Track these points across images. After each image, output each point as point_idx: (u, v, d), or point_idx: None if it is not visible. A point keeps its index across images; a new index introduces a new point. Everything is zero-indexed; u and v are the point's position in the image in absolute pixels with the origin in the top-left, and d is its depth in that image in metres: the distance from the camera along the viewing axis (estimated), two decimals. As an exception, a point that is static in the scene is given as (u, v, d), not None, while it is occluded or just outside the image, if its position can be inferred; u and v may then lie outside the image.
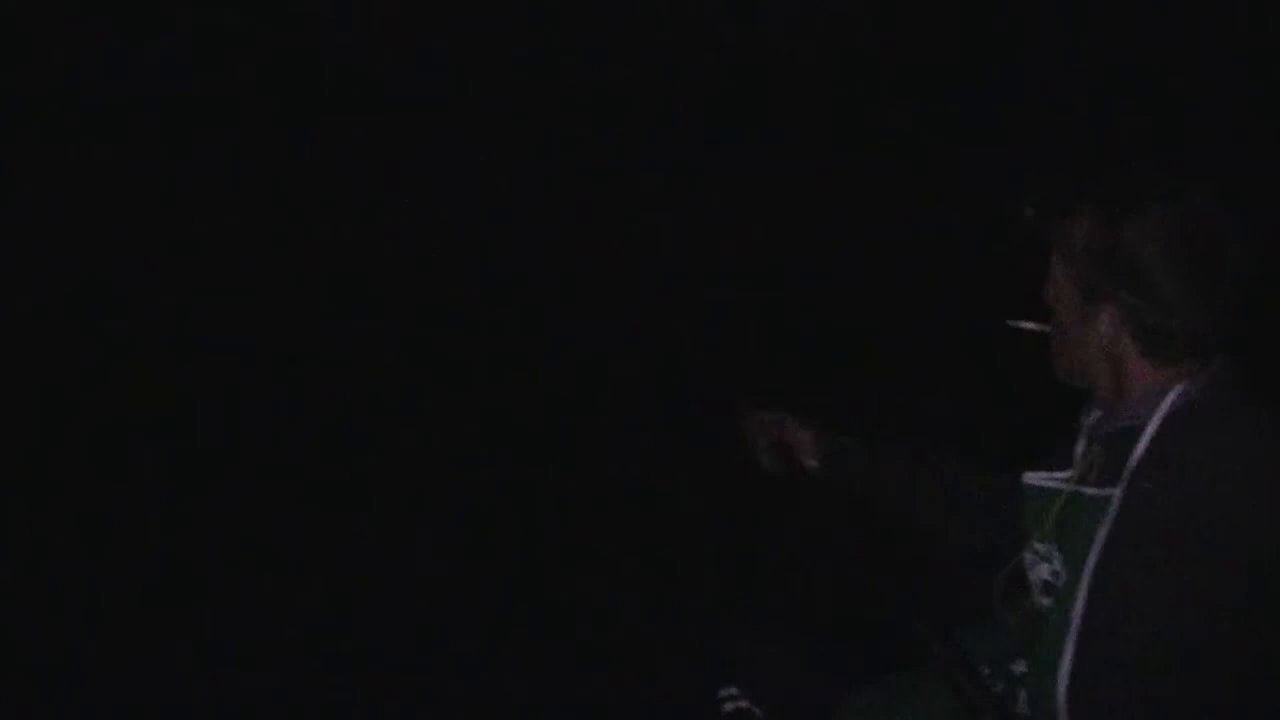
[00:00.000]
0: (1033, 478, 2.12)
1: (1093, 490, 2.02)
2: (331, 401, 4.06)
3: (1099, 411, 2.08)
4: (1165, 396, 1.97)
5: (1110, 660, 1.96)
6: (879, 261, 3.85)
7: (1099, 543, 1.97)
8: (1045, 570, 2.08)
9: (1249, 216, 1.97)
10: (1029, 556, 2.10)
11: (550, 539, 3.89)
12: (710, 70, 3.76)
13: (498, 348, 4.03)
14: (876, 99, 3.85)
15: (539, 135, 3.95)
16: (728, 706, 2.25)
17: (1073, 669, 1.97)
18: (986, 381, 3.47)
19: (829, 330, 3.86)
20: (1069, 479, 2.07)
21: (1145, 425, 1.97)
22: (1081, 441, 2.09)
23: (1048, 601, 2.07)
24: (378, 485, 4.05)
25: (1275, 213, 2.43)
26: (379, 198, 4.00)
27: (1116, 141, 3.24)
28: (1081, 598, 1.97)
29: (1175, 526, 1.92)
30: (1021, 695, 2.14)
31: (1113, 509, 1.97)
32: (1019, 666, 2.18)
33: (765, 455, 2.48)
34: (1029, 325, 2.12)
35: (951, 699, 2.00)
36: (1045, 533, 2.07)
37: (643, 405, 3.90)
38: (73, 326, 3.97)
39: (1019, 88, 3.67)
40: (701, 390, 3.48)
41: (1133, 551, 1.95)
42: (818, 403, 2.50)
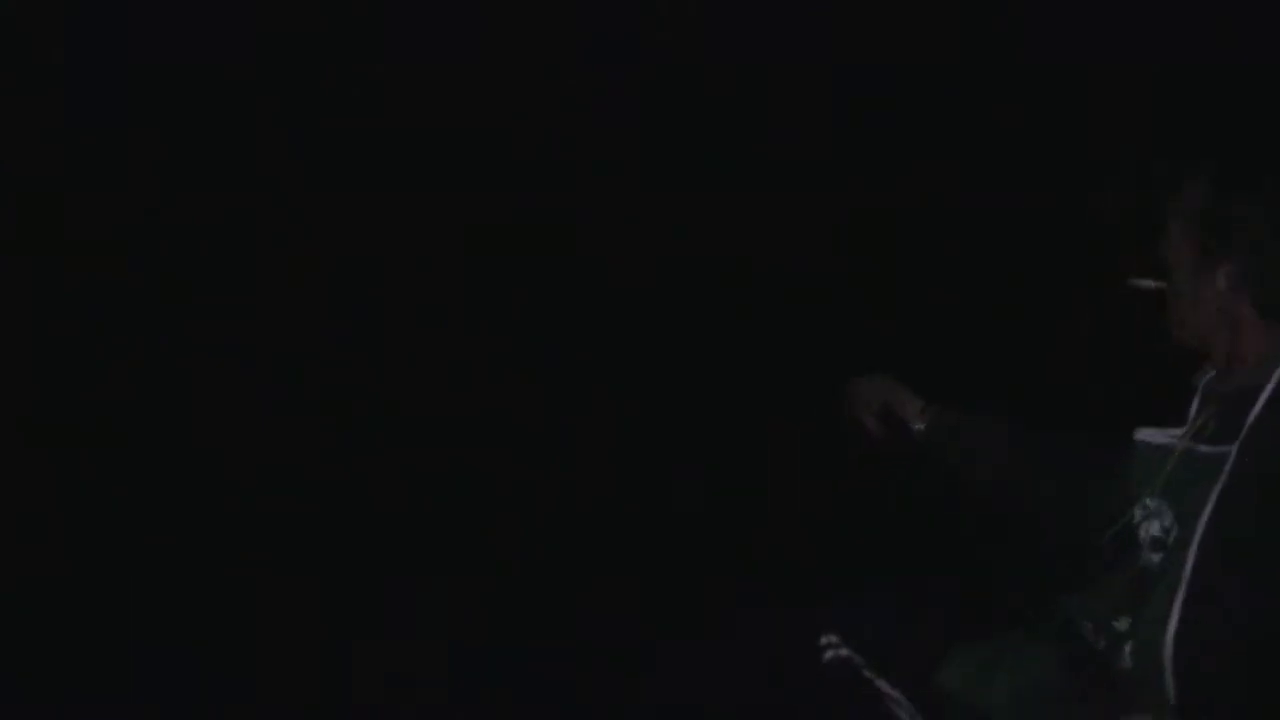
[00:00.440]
0: (1146, 434, 2.19)
1: (1207, 448, 2.09)
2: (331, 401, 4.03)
3: (1214, 371, 2.16)
4: None
5: (1218, 617, 2.02)
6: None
7: (1212, 500, 2.04)
8: (1155, 526, 2.13)
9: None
10: (1139, 512, 2.16)
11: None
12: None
13: (496, 348, 4.03)
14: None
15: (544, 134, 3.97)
16: (828, 654, 2.26)
17: (1179, 625, 2.03)
18: (1093, 343, 3.53)
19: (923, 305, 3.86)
20: (1182, 436, 2.14)
21: (1263, 385, 2.05)
22: (1196, 400, 2.17)
23: (1157, 558, 2.12)
24: (376, 485, 4.02)
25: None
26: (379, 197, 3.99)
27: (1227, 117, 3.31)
28: (1192, 554, 2.03)
29: (1289, 485, 1.99)
30: (1125, 650, 2.17)
31: (1227, 467, 2.04)
32: (1122, 623, 2.20)
33: (870, 419, 2.52)
34: (1148, 283, 2.19)
35: (1054, 655, 2.05)
36: (1156, 489, 2.13)
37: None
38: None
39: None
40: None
41: (1246, 509, 2.02)
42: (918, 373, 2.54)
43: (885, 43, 3.86)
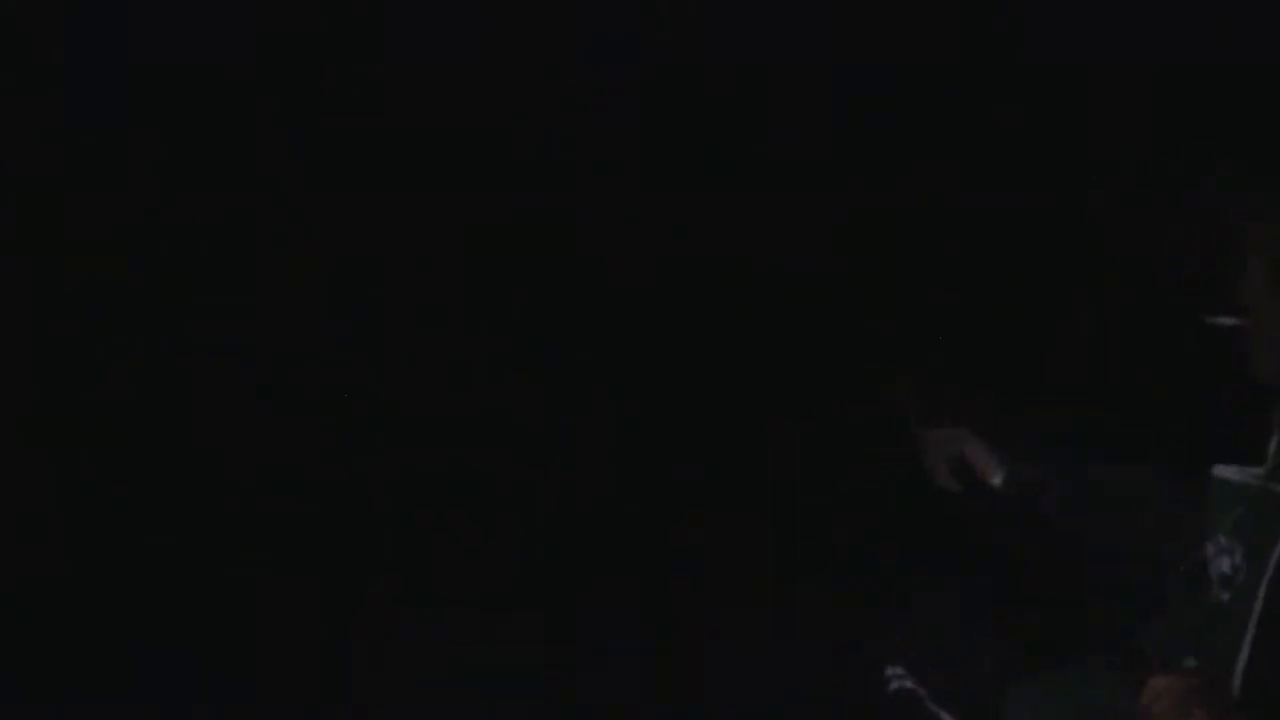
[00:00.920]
0: (1223, 471, 2.16)
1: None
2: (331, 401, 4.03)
3: None
4: None
5: (1287, 658, 2.00)
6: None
7: None
8: (1226, 564, 2.11)
9: None
10: (1211, 548, 2.14)
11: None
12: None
13: (496, 348, 4.02)
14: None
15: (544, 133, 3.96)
16: (893, 685, 2.26)
17: (1248, 665, 2.01)
18: (1166, 381, 3.48)
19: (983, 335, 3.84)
20: (1260, 475, 2.12)
21: None
22: (1275, 438, 2.14)
23: (1226, 596, 2.10)
24: (376, 485, 4.01)
25: None
26: (379, 197, 3.99)
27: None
28: (1261, 594, 2.02)
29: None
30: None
31: None
32: (1190, 661, 2.16)
33: (943, 471, 2.50)
34: (1228, 320, 2.14)
35: (1120, 690, 2.03)
36: (1229, 527, 2.11)
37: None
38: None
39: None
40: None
41: None
42: (982, 416, 2.51)
43: (885, 43, 3.86)
